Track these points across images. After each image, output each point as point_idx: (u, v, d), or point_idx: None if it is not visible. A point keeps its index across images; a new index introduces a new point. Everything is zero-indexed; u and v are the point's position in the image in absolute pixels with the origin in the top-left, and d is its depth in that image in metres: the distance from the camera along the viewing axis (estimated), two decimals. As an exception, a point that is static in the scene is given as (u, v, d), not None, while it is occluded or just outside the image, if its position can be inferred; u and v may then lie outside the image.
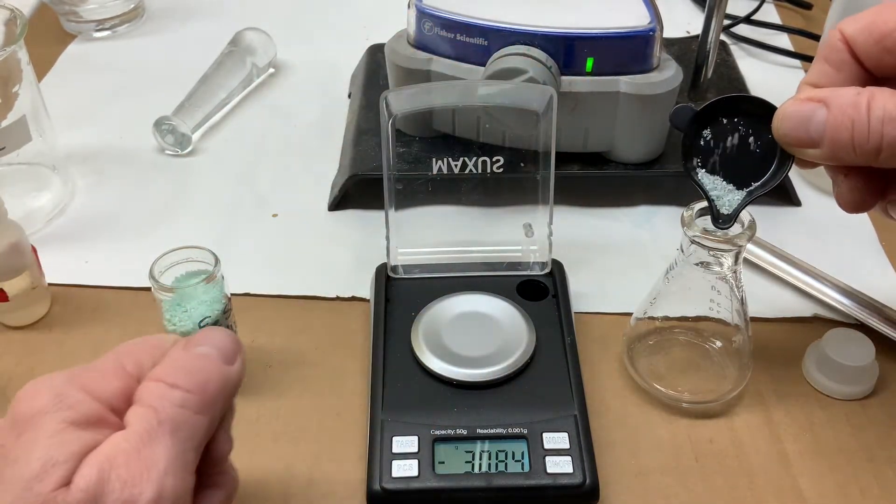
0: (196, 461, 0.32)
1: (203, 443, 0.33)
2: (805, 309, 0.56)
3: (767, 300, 0.56)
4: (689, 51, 0.74)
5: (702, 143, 0.43)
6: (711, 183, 0.43)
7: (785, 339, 0.54)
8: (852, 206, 0.42)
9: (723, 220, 0.43)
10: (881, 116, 0.36)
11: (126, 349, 0.35)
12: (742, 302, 0.48)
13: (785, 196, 0.64)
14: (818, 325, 0.55)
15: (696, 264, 0.46)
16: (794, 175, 0.66)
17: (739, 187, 0.43)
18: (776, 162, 0.42)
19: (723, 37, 0.79)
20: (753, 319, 0.54)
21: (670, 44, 0.76)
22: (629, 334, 0.52)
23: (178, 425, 0.31)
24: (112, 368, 0.34)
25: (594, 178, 0.63)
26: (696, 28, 0.80)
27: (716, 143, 0.43)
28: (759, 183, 0.43)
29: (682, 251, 0.46)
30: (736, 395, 0.50)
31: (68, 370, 0.34)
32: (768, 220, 0.62)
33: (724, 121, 0.42)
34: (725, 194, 0.43)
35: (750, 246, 0.58)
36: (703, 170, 0.43)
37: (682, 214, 0.45)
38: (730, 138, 0.42)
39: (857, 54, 0.39)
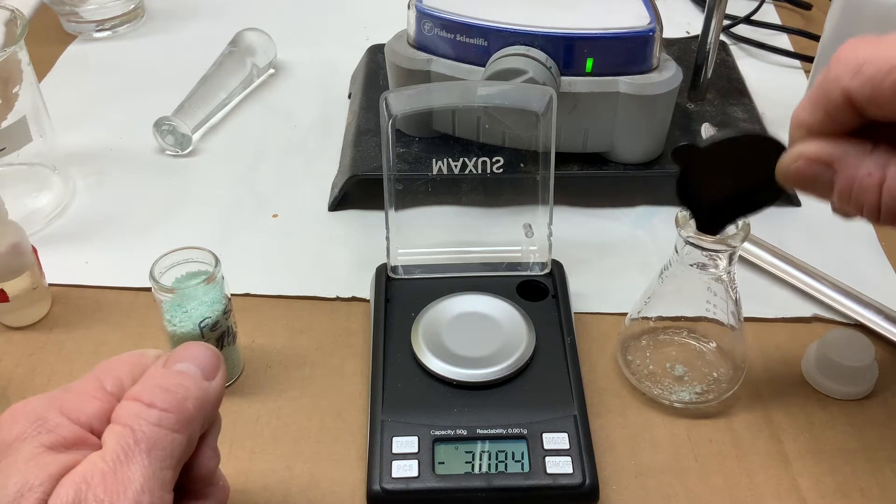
0: (174, 479, 0.32)
1: (182, 460, 0.33)
2: (805, 309, 0.56)
3: (767, 300, 0.56)
4: (688, 51, 0.74)
5: (698, 175, 0.41)
6: (700, 205, 0.43)
7: (785, 340, 0.54)
8: (846, 218, 0.42)
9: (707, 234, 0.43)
10: (892, 207, 0.34)
11: (106, 368, 0.35)
12: (736, 302, 0.48)
13: (785, 196, 0.64)
14: (818, 325, 0.55)
15: (692, 265, 0.46)
16: (794, 175, 0.66)
17: (729, 208, 0.43)
18: (769, 192, 0.41)
19: (722, 37, 0.79)
20: (753, 320, 0.54)
21: (670, 44, 0.76)
22: (623, 334, 0.52)
23: (155, 444, 0.32)
24: (91, 389, 0.34)
25: (594, 179, 0.63)
26: (695, 28, 0.80)
27: (712, 173, 0.41)
28: (747, 207, 0.42)
29: (677, 251, 0.46)
30: (733, 396, 0.50)
31: (48, 393, 0.34)
32: (768, 220, 0.61)
33: (723, 151, 0.40)
34: (713, 213, 0.43)
35: (750, 246, 0.58)
36: (699, 195, 0.42)
37: (677, 216, 0.45)
38: (726, 168, 0.41)
39: (860, 110, 0.35)
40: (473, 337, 0.49)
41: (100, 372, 0.35)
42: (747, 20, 0.84)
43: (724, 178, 0.42)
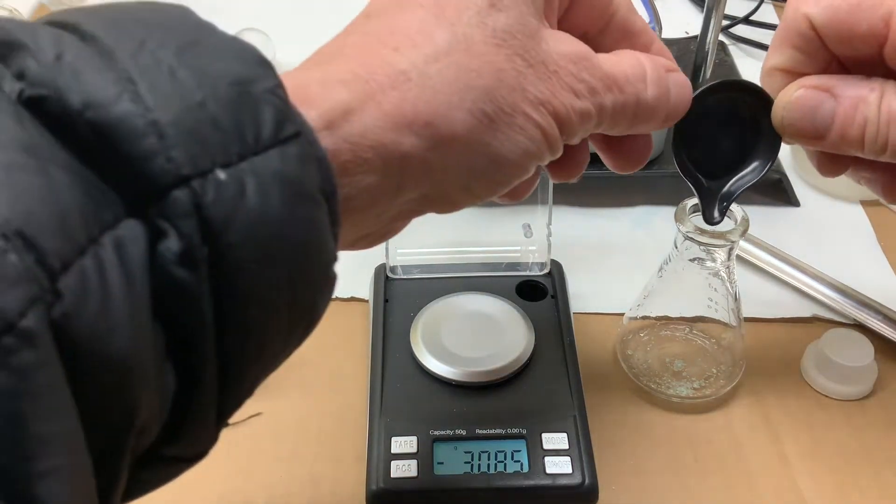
0: None
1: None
2: (804, 309, 0.56)
3: (766, 300, 0.56)
4: (687, 51, 0.74)
5: (693, 133, 0.40)
6: (701, 179, 0.41)
7: (784, 340, 0.54)
8: (830, 172, 0.40)
9: (712, 219, 0.42)
10: (888, 118, 0.34)
11: None
12: (735, 298, 0.48)
13: (784, 196, 0.64)
14: (817, 325, 0.55)
15: (691, 260, 0.46)
16: (793, 175, 0.66)
17: (726, 178, 0.41)
18: (763, 152, 0.40)
19: (721, 37, 0.79)
20: (752, 320, 0.54)
21: (669, 44, 0.75)
22: (623, 328, 0.52)
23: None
24: None
25: (594, 178, 0.63)
26: (694, 28, 0.80)
27: (706, 132, 0.40)
28: (744, 174, 0.40)
29: (676, 247, 0.46)
30: (731, 394, 0.50)
31: None
32: (767, 220, 0.62)
33: (715, 109, 0.39)
34: (714, 190, 0.41)
35: (749, 246, 0.58)
36: (695, 166, 0.41)
37: (676, 211, 0.45)
38: (720, 128, 0.40)
39: (823, 41, 0.36)
40: (472, 337, 0.49)
41: None
42: (746, 20, 0.84)
43: (717, 135, 0.40)
